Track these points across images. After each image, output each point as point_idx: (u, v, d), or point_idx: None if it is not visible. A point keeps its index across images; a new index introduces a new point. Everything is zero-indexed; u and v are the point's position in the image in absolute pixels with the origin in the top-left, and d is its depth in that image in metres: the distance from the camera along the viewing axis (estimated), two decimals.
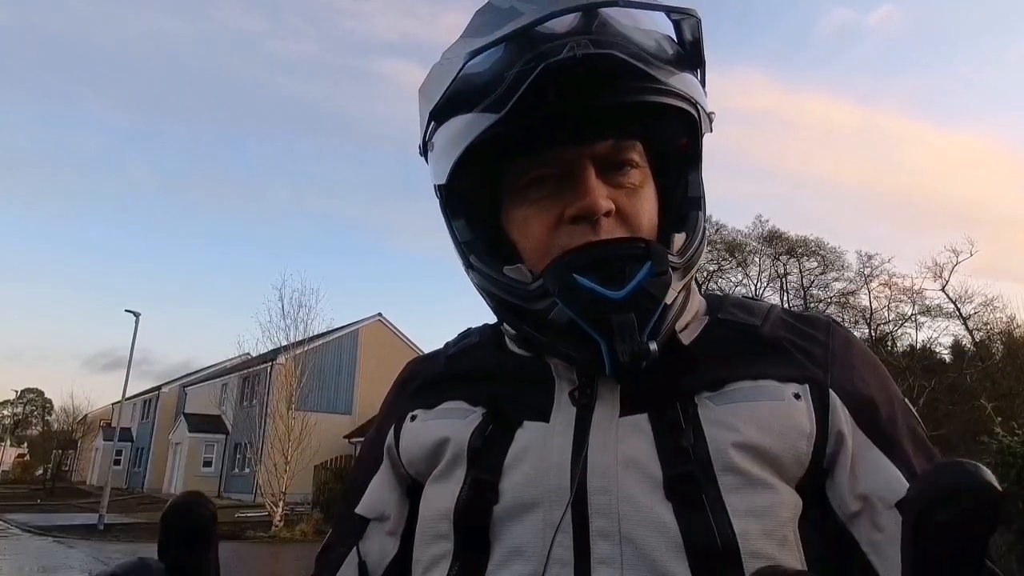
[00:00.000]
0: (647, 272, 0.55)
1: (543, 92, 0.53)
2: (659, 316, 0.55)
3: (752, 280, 25.25)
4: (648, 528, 0.51)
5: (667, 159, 0.63)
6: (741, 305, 0.66)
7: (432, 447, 0.62)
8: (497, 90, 0.55)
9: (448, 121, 0.60)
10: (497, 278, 0.60)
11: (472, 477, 0.57)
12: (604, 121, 0.58)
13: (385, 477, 0.68)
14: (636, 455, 0.54)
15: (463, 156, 0.58)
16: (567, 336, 0.56)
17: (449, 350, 0.73)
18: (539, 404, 0.60)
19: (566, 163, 0.58)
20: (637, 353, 0.53)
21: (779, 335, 0.61)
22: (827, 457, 0.55)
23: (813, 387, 0.57)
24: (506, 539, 0.55)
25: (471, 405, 0.63)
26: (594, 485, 0.53)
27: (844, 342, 0.62)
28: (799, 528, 0.52)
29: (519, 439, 0.58)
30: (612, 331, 0.53)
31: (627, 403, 0.57)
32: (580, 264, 0.56)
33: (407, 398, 0.70)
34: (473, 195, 0.64)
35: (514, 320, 0.62)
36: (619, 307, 0.54)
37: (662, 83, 0.56)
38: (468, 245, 0.63)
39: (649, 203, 0.61)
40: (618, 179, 0.59)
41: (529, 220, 0.60)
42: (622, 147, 0.60)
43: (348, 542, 0.66)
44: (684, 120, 0.60)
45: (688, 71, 0.60)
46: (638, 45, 0.56)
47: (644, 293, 0.54)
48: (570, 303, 0.55)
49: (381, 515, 0.66)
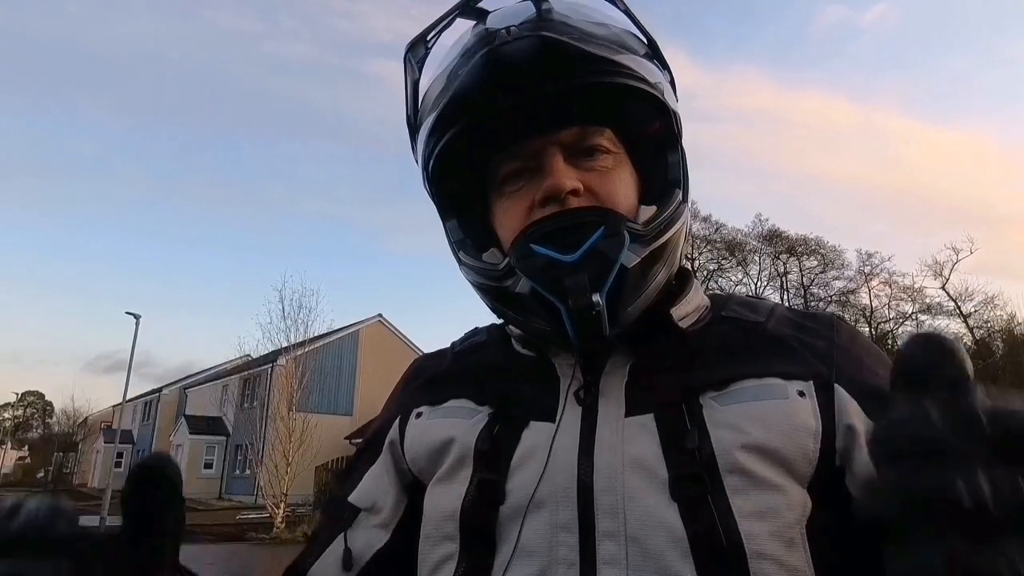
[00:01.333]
0: (600, 235, 0.56)
1: (491, 84, 0.56)
2: (618, 279, 0.56)
3: (752, 279, 25.28)
4: (654, 528, 0.51)
5: (642, 144, 0.64)
6: (745, 303, 0.66)
7: (437, 447, 0.62)
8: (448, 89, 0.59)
9: (419, 130, 0.64)
10: (477, 266, 0.63)
11: (479, 477, 0.58)
12: (567, 109, 0.59)
13: (383, 470, 0.67)
14: (642, 455, 0.54)
15: (436, 160, 0.62)
16: (536, 309, 0.58)
17: (456, 348, 0.73)
18: (545, 404, 0.60)
19: (534, 154, 0.61)
20: (583, 306, 0.54)
21: (783, 332, 0.61)
22: (839, 452, 0.54)
23: (818, 383, 0.56)
24: (512, 539, 0.55)
25: (477, 404, 0.63)
26: (600, 485, 0.53)
27: (849, 337, 0.62)
28: (808, 530, 0.52)
29: (525, 439, 0.58)
30: (565, 293, 0.54)
31: (632, 403, 0.57)
32: (538, 235, 0.58)
33: (412, 394, 0.70)
34: (462, 196, 0.67)
35: (496, 305, 0.64)
36: (571, 270, 0.55)
37: (606, 60, 0.57)
38: (459, 244, 0.66)
39: (624, 184, 0.62)
40: (588, 164, 0.61)
41: (507, 212, 0.62)
42: (588, 133, 0.61)
43: (336, 528, 0.66)
44: (651, 104, 0.61)
45: (648, 59, 0.62)
46: (583, 32, 0.58)
47: (596, 253, 0.55)
48: (528, 271, 0.57)
49: (373, 506, 0.65)
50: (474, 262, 0.63)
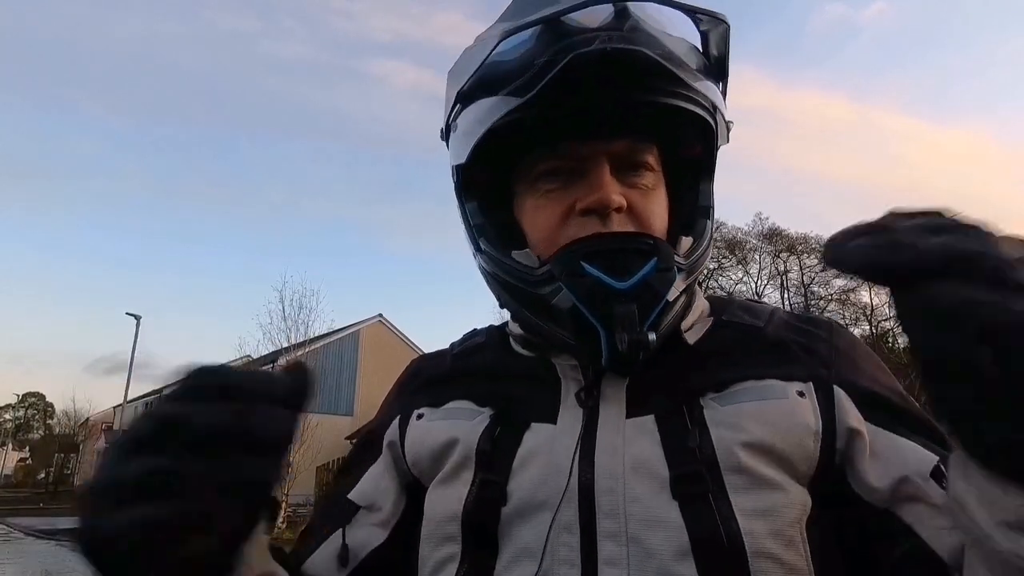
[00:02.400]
0: (652, 267, 0.56)
1: (569, 83, 0.54)
2: (660, 311, 0.56)
3: (752, 278, 25.27)
4: (655, 529, 0.51)
5: (680, 167, 0.64)
6: (745, 307, 0.66)
7: (439, 449, 0.62)
8: (524, 76, 0.56)
9: (473, 104, 0.61)
10: (505, 261, 0.62)
11: (480, 479, 0.58)
12: (623, 120, 0.59)
13: (383, 470, 0.67)
14: (643, 456, 0.54)
15: (484, 138, 0.59)
16: (568, 323, 0.57)
17: (455, 349, 0.73)
18: (546, 405, 0.60)
19: (581, 158, 0.60)
20: (636, 342, 0.53)
21: (782, 335, 0.61)
22: (839, 453, 0.54)
23: (818, 384, 0.57)
24: (514, 540, 0.55)
25: (478, 406, 0.63)
26: (601, 486, 0.54)
27: (848, 342, 0.62)
28: (808, 528, 0.52)
29: (527, 441, 0.58)
30: (613, 320, 0.54)
31: (633, 405, 0.57)
32: (588, 252, 0.57)
33: (412, 395, 0.70)
34: (488, 181, 0.65)
35: (516, 306, 0.63)
36: (622, 297, 0.54)
37: (687, 86, 0.56)
38: (479, 228, 0.64)
39: (660, 206, 0.62)
40: (631, 179, 0.60)
41: (540, 210, 0.61)
42: (638, 148, 0.61)
43: (335, 524, 0.65)
44: (700, 128, 0.61)
45: (711, 80, 0.60)
46: (666, 48, 0.56)
47: (647, 287, 0.55)
48: (575, 289, 0.56)
49: (373, 504, 0.65)
50: (502, 257, 0.62)
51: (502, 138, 0.59)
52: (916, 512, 0.51)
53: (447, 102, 0.65)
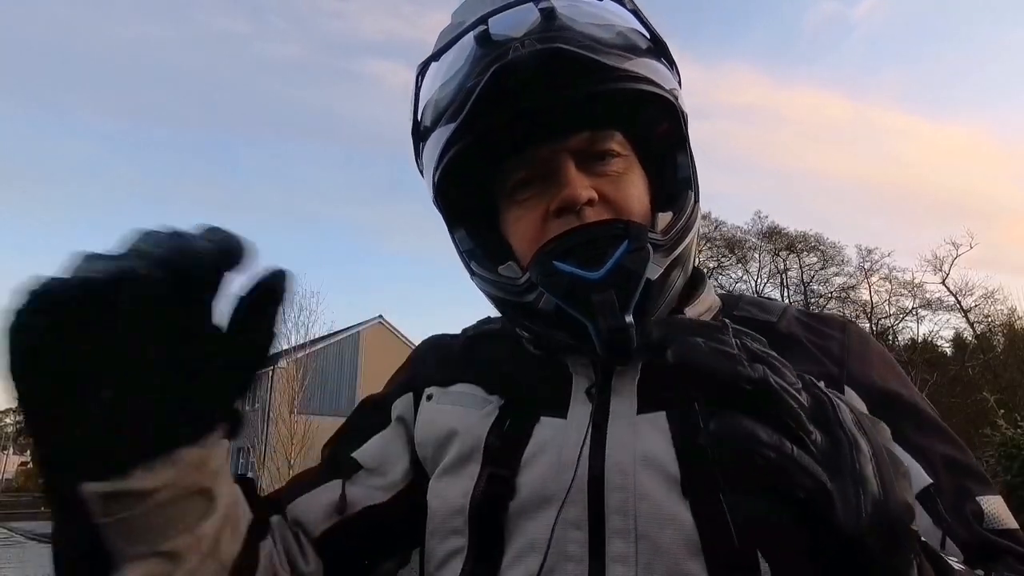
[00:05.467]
0: (624, 250, 0.55)
1: (502, 95, 0.56)
2: (644, 292, 0.55)
3: (752, 276, 25.27)
4: (664, 526, 0.51)
5: (652, 145, 0.64)
6: (756, 303, 0.66)
7: (443, 436, 0.62)
8: (457, 101, 0.58)
9: (428, 138, 0.63)
10: (493, 279, 0.62)
11: (489, 472, 0.57)
12: (575, 115, 0.59)
13: (393, 438, 0.67)
14: (653, 453, 0.54)
15: (444, 171, 0.61)
16: (559, 324, 0.57)
17: (469, 332, 0.73)
18: (556, 400, 0.60)
19: (545, 161, 0.60)
20: (614, 328, 0.53)
21: (794, 332, 0.61)
22: None
23: (829, 383, 0.56)
24: (521, 535, 0.55)
25: (487, 393, 0.63)
26: (611, 482, 0.53)
27: (859, 339, 0.62)
28: None
29: (536, 435, 0.58)
30: (594, 310, 0.54)
31: (645, 400, 0.57)
32: (560, 251, 0.57)
33: (423, 372, 0.70)
34: (470, 204, 0.66)
35: (516, 318, 0.63)
36: (598, 287, 0.54)
37: (616, 69, 0.57)
38: (469, 253, 0.65)
39: (635, 188, 0.61)
40: (600, 169, 0.60)
41: (519, 220, 0.62)
42: (598, 138, 0.61)
43: (331, 475, 0.65)
44: (660, 105, 0.61)
45: (651, 57, 0.61)
46: (591, 38, 0.57)
47: (622, 270, 0.55)
48: (552, 290, 0.56)
49: (378, 468, 0.65)
50: (490, 275, 0.62)
51: (469, 160, 0.61)
52: None
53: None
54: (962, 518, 0.52)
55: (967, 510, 0.52)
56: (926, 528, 0.52)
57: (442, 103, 0.61)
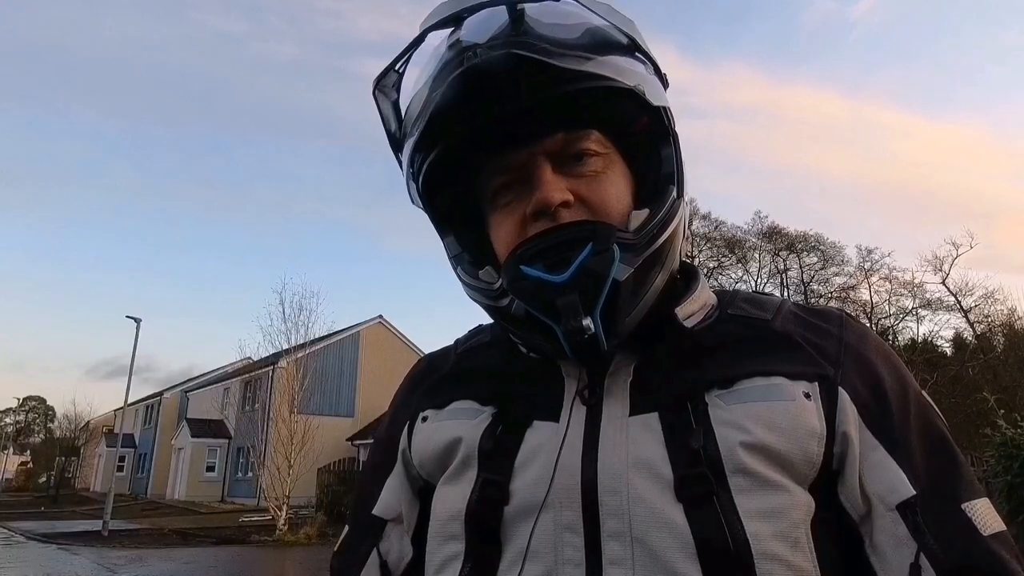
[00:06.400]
0: (588, 252, 0.55)
1: (465, 102, 0.56)
2: (611, 294, 0.55)
3: (752, 276, 25.27)
4: (659, 529, 0.51)
5: (636, 141, 0.63)
6: (751, 300, 0.65)
7: (443, 449, 0.62)
8: (423, 111, 0.58)
9: (403, 151, 0.63)
10: (474, 284, 0.62)
11: (483, 478, 0.57)
12: (548, 118, 0.58)
13: (398, 480, 0.68)
14: (646, 455, 0.54)
15: (425, 179, 0.62)
16: (532, 328, 0.58)
17: (459, 347, 0.73)
18: (549, 404, 0.60)
19: (521, 165, 0.60)
20: (573, 330, 0.53)
21: (790, 329, 0.60)
22: (835, 457, 0.54)
23: (823, 385, 0.56)
24: (517, 540, 0.55)
25: (481, 404, 0.63)
26: (605, 486, 0.53)
27: (857, 336, 0.61)
28: (812, 530, 0.52)
29: (529, 439, 0.58)
30: (559, 314, 0.54)
31: (637, 402, 0.57)
32: (527, 255, 0.57)
33: (417, 398, 0.70)
34: (460, 209, 0.66)
35: (500, 322, 0.64)
36: (562, 290, 0.54)
37: (567, 71, 0.55)
38: (456, 259, 0.65)
39: (615, 187, 0.60)
40: (577, 170, 0.60)
41: (501, 225, 0.62)
42: (573, 138, 0.60)
43: (368, 543, 0.67)
44: (633, 101, 0.60)
45: (619, 53, 0.59)
46: (551, 40, 0.56)
47: (587, 272, 0.54)
48: (520, 294, 0.57)
49: (398, 516, 0.67)
50: (471, 280, 0.63)
51: (448, 168, 0.61)
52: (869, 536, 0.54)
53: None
54: (944, 532, 0.52)
55: (950, 523, 0.52)
56: (902, 539, 0.52)
57: (413, 112, 0.61)
